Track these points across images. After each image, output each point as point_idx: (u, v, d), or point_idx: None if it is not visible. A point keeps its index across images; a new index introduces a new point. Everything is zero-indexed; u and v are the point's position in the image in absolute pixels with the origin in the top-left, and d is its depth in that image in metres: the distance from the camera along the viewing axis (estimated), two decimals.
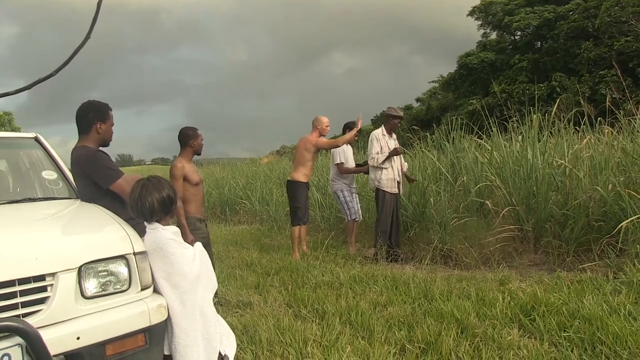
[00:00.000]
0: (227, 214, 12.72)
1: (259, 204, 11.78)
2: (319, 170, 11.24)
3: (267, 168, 15.12)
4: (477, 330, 3.70)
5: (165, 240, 2.83)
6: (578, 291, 4.35)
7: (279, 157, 21.11)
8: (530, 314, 3.95)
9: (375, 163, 6.85)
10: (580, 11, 32.05)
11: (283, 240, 8.60)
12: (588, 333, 3.48)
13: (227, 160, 21.23)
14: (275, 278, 5.80)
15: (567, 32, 31.62)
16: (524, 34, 38.16)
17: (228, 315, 4.46)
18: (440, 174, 7.84)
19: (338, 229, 8.64)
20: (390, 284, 5.13)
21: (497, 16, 39.16)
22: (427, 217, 7.14)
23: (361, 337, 3.80)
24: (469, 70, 37.22)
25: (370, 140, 7.03)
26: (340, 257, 6.75)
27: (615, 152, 6.48)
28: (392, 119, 7.10)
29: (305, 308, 4.59)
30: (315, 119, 7.35)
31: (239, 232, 10.18)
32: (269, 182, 13.01)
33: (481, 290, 4.65)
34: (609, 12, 28.42)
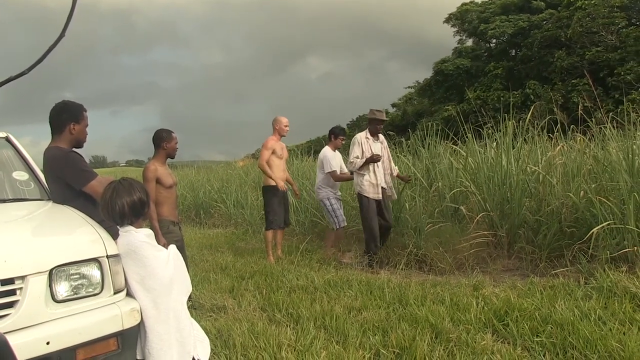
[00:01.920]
0: (202, 217, 12.62)
1: (233, 207, 11.71)
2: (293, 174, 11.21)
3: (243, 171, 15.03)
4: (452, 335, 3.71)
5: (139, 243, 2.79)
6: (550, 296, 4.40)
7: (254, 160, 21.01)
8: (504, 319, 3.97)
9: (353, 168, 6.72)
10: (554, 21, 32.67)
11: (258, 244, 8.56)
12: (560, 338, 3.52)
13: (202, 163, 21.11)
14: (250, 282, 5.76)
15: (541, 41, 32.21)
16: (499, 41, 38.75)
17: (202, 319, 4.41)
18: (416, 180, 7.88)
19: (313, 234, 8.64)
20: (365, 289, 5.13)
21: (473, 24, 39.72)
22: (402, 222, 7.16)
23: (336, 342, 3.79)
24: (444, 76, 37.63)
25: (352, 144, 6.88)
26: (315, 261, 6.74)
27: (587, 160, 6.59)
28: (372, 122, 6.95)
29: (279, 312, 4.57)
30: (274, 119, 7.39)
31: (213, 235, 10.11)
32: (244, 185, 12.94)
33: (455, 295, 4.67)
34: (581, 23, 29.06)
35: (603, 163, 6.17)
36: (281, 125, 7.31)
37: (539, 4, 37.57)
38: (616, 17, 28.69)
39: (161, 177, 4.79)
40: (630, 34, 27.05)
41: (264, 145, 7.25)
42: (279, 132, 7.33)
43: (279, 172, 7.26)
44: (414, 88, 45.13)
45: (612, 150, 6.06)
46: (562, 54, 29.68)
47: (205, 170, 17.31)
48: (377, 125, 6.93)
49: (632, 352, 3.16)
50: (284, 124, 7.33)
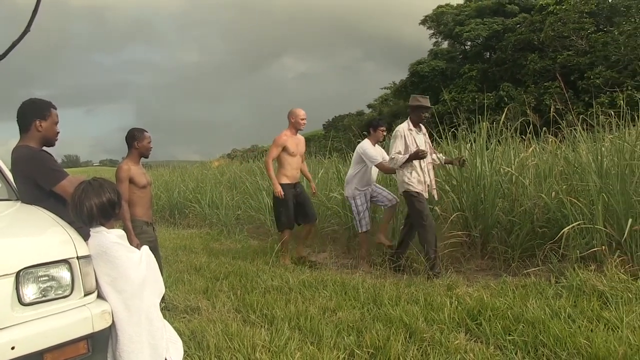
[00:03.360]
0: (176, 218, 12.51)
1: (208, 207, 11.64)
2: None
3: (218, 171, 14.95)
4: (425, 335, 3.74)
5: (110, 244, 2.75)
6: (522, 295, 4.46)
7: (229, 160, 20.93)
8: (477, 319, 4.02)
9: (395, 165, 6.05)
10: (527, 25, 33.17)
11: (232, 245, 8.52)
12: (531, 336, 3.57)
13: (177, 163, 20.93)
14: (224, 283, 5.73)
15: (515, 44, 32.66)
16: (473, 44, 39.17)
17: (175, 321, 4.37)
18: (390, 180, 7.90)
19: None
20: (340, 289, 5.14)
21: (448, 26, 40.08)
22: (377, 222, 7.18)
23: (310, 343, 3.78)
24: (420, 77, 37.90)
25: (394, 137, 6.13)
26: (290, 261, 6.72)
27: (558, 161, 6.68)
28: (416, 110, 6.21)
29: (254, 313, 4.55)
30: (289, 112, 6.88)
31: (188, 236, 10.03)
32: (219, 185, 12.87)
33: (429, 295, 4.70)
34: (553, 27, 29.57)
35: (574, 164, 6.27)
36: (297, 119, 6.78)
37: (512, 8, 38.10)
38: (585, 23, 29.25)
39: (134, 177, 4.73)
40: (599, 39, 27.61)
41: (274, 142, 6.84)
42: (294, 125, 6.82)
43: (291, 171, 6.83)
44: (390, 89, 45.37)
45: (582, 152, 6.15)
46: (535, 57, 30.14)
47: (180, 170, 17.17)
48: (421, 114, 6.21)
49: (598, 348, 3.22)
50: (301, 117, 6.80)
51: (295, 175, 6.88)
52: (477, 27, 37.20)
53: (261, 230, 9.48)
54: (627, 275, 4.44)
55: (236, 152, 31.06)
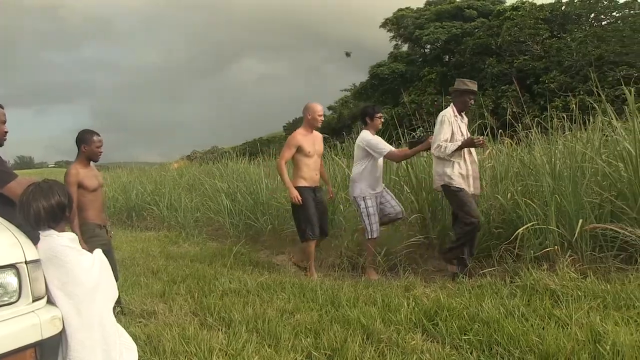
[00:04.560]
0: (134, 220, 12.30)
1: (167, 210, 11.48)
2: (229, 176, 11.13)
3: (177, 173, 14.80)
4: (383, 336, 3.75)
5: (60, 247, 2.68)
6: (478, 295, 4.52)
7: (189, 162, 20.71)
8: (434, 319, 4.05)
9: (442, 153, 5.45)
10: (485, 29, 33.86)
11: (191, 247, 8.42)
12: (486, 335, 3.62)
13: (135, 165, 20.60)
14: (182, 286, 5.66)
15: (473, 48, 33.28)
16: (433, 47, 39.74)
17: (131, 325, 4.29)
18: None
19: (247, 236, 8.56)
20: (298, 291, 5.13)
21: (408, 29, 40.58)
22: (336, 224, 7.20)
23: (268, 345, 3.77)
24: (380, 80, 38.24)
25: (440, 123, 5.55)
26: (248, 264, 6.69)
27: (514, 163, 6.82)
28: (462, 95, 5.69)
29: (211, 316, 4.50)
30: (305, 107, 6.26)
31: (145, 238, 9.87)
32: (177, 187, 12.73)
33: (387, 296, 4.72)
34: (510, 32, 30.30)
35: (529, 166, 6.41)
36: (314, 115, 6.15)
37: (471, 12, 38.85)
38: (540, 29, 30.09)
39: (84, 181, 4.57)
40: (553, 45, 28.39)
41: (287, 142, 6.20)
42: (310, 123, 6.19)
43: (309, 173, 6.15)
44: (350, 91, 45.61)
45: (536, 154, 6.29)
46: (493, 61, 30.76)
47: (138, 172, 16.92)
48: (467, 99, 5.68)
49: (549, 345, 3.29)
50: (318, 112, 6.19)
51: (314, 177, 6.19)
52: (436, 30, 37.78)
53: (220, 233, 9.41)
54: (577, 274, 4.55)
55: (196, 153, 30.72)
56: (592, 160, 5.81)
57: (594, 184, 5.73)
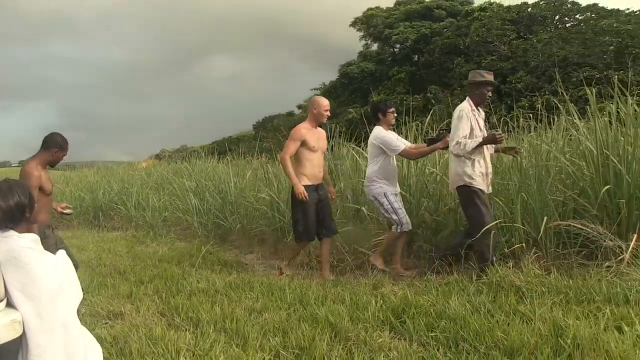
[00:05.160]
0: (101, 220, 12.10)
1: (134, 209, 11.33)
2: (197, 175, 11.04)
3: (145, 172, 14.62)
4: (350, 334, 3.77)
5: (21, 248, 2.61)
6: (445, 293, 4.57)
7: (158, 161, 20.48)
8: (401, 317, 4.09)
9: (462, 151, 5.11)
10: (453, 29, 34.23)
11: (159, 247, 8.31)
12: (453, 332, 3.66)
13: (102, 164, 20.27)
14: (149, 286, 5.60)
15: (442, 48, 33.60)
16: (402, 47, 39.97)
17: (97, 327, 4.24)
18: None
19: (216, 235, 8.50)
20: (266, 290, 5.12)
21: (378, 28, 40.76)
22: None
23: (235, 345, 3.76)
24: (349, 79, 38.35)
25: (458, 118, 5.18)
26: (217, 263, 6.65)
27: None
28: (479, 87, 5.35)
29: (179, 316, 4.47)
30: (311, 101, 6.09)
31: (112, 238, 9.73)
32: (145, 187, 12.57)
33: (355, 294, 4.75)
34: (478, 33, 30.71)
35: (495, 164, 6.50)
36: (320, 109, 5.87)
37: (440, 12, 39.22)
38: (508, 30, 30.57)
39: (43, 184, 4.48)
40: (520, 45, 28.87)
41: (291, 135, 5.89)
42: (316, 117, 5.91)
43: (312, 170, 5.87)
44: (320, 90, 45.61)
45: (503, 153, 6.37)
46: (461, 61, 31.10)
47: (105, 171, 16.66)
48: (485, 90, 5.35)
49: (513, 340, 3.36)
50: (324, 107, 5.89)
51: (317, 175, 5.93)
52: (405, 30, 38.02)
53: (188, 232, 9.32)
54: (541, 271, 4.64)
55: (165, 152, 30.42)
56: (557, 159, 5.93)
57: (558, 182, 5.85)
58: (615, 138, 5.40)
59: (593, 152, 5.43)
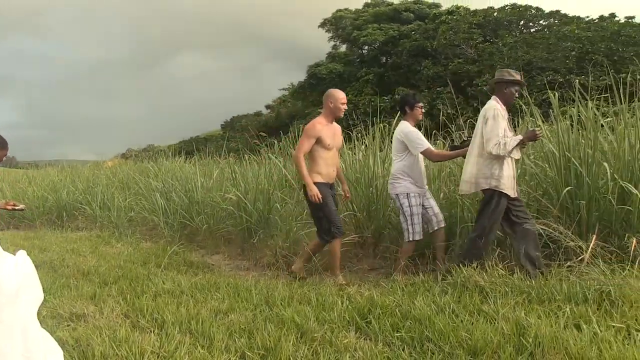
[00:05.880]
0: (64, 220, 11.87)
1: (99, 209, 11.15)
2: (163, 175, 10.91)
3: (111, 172, 14.40)
4: (316, 335, 3.76)
5: None
6: (411, 293, 4.60)
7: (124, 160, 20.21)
8: (367, 317, 4.09)
9: (503, 151, 4.88)
10: (421, 32, 34.60)
11: (124, 247, 8.18)
12: (418, 332, 3.68)
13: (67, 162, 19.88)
14: (114, 287, 5.50)
15: (410, 50, 33.94)
16: (370, 48, 40.24)
17: (58, 330, 4.14)
18: (286, 181, 7.95)
19: (182, 236, 8.42)
20: (233, 291, 5.08)
21: (347, 30, 41.00)
22: (271, 223, 7.16)
23: (201, 346, 3.71)
24: (318, 80, 38.39)
25: (493, 118, 4.96)
26: (183, 264, 6.58)
27: (447, 163, 6.99)
28: (508, 86, 5.18)
29: (144, 318, 4.41)
30: (327, 94, 5.71)
31: (76, 238, 9.53)
32: (111, 186, 12.38)
33: (321, 295, 4.75)
34: (445, 36, 31.12)
35: (461, 166, 6.58)
36: (337, 103, 5.55)
37: (408, 15, 39.67)
38: (474, 33, 31.05)
39: None
40: (486, 49, 29.33)
41: (305, 131, 5.57)
42: (332, 111, 5.60)
43: (327, 168, 5.58)
44: (288, 90, 45.64)
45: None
46: (429, 63, 31.46)
47: (70, 170, 16.35)
48: (513, 90, 5.20)
49: (477, 340, 3.40)
50: (341, 100, 5.58)
51: (331, 174, 5.65)
52: (374, 32, 38.32)
53: (154, 232, 9.21)
54: (505, 271, 4.70)
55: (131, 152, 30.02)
56: (521, 160, 6.04)
57: (523, 183, 5.95)
58: (577, 141, 5.53)
59: (555, 155, 5.55)
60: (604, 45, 25.01)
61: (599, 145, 5.56)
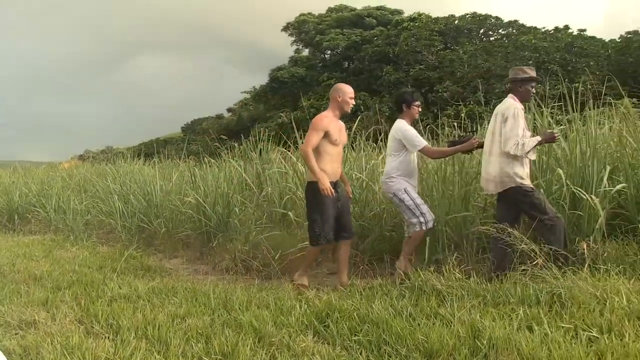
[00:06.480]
0: (16, 224, 11.53)
1: (54, 212, 10.87)
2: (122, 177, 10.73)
3: (67, 174, 14.07)
4: (274, 339, 3.75)
5: None
6: (369, 297, 4.62)
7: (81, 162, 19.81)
8: (325, 321, 4.09)
9: (521, 151, 4.85)
10: (383, 38, 34.98)
11: (79, 252, 8.00)
12: (375, 335, 3.70)
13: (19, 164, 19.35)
14: (67, 292, 5.35)
15: (372, 56, 34.28)
16: (333, 53, 40.50)
17: (5, 339, 4.01)
18: (246, 185, 7.91)
19: (140, 239, 8.29)
20: (190, 296, 5.02)
21: (310, 34, 41.15)
22: (231, 227, 7.11)
23: (157, 352, 3.66)
24: (280, 83, 38.42)
25: (513, 116, 4.88)
26: (140, 268, 6.47)
27: None
28: (523, 84, 5.09)
29: (98, 324, 4.30)
30: (334, 88, 5.51)
31: (29, 242, 9.26)
32: (67, 189, 12.09)
33: (280, 299, 4.73)
34: (407, 42, 31.54)
35: (421, 171, 6.66)
36: (345, 97, 5.36)
37: (370, 21, 40.04)
38: (435, 40, 31.58)
39: None
40: (446, 56, 29.88)
41: (313, 125, 5.29)
42: (340, 105, 5.40)
43: (332, 165, 5.35)
44: (250, 94, 45.49)
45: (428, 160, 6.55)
46: (390, 69, 31.80)
47: (23, 172, 15.90)
48: (529, 87, 5.10)
49: (434, 342, 3.43)
50: (350, 94, 5.39)
51: (336, 171, 5.44)
52: (336, 37, 38.56)
53: (111, 236, 9.04)
54: (462, 275, 4.77)
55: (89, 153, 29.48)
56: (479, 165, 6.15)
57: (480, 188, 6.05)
58: None
59: None
60: (558, 56, 25.80)
61: (553, 152, 5.71)
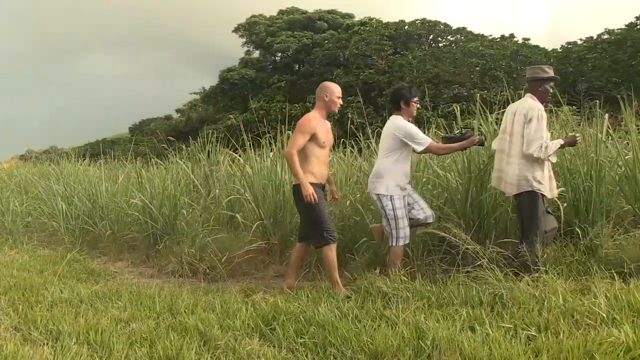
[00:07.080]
0: None
1: None
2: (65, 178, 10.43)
3: (6, 174, 13.59)
4: (219, 342, 3.73)
5: None
6: (315, 299, 4.63)
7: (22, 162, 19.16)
8: (271, 324, 4.09)
9: (544, 154, 4.72)
10: (334, 41, 35.25)
11: (18, 255, 7.72)
12: (321, 337, 3.72)
13: None
14: (3, 298, 5.14)
15: (322, 59, 34.51)
16: (284, 55, 40.54)
17: None
18: (194, 186, 7.82)
19: (84, 242, 8.07)
20: (135, 299, 4.93)
21: (260, 36, 41.04)
22: (177, 229, 7.00)
23: (99, 357, 3.61)
24: (230, 85, 38.24)
25: (537, 118, 4.72)
26: (83, 272, 6.31)
27: (354, 171, 7.13)
28: (542, 83, 4.95)
29: (37, 330, 4.17)
30: (321, 87, 5.31)
31: None
32: (6, 190, 11.65)
33: (226, 302, 4.70)
34: (357, 46, 31.84)
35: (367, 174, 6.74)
36: (332, 97, 5.16)
37: (322, 24, 40.25)
38: (385, 45, 31.97)
39: None
40: (396, 61, 30.31)
41: (299, 127, 5.08)
42: (327, 105, 5.20)
43: (320, 167, 5.16)
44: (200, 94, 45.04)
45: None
46: (340, 72, 32.00)
47: None
48: (547, 87, 4.97)
49: (379, 344, 3.48)
50: (337, 94, 5.19)
51: (324, 173, 5.24)
52: (287, 39, 38.62)
53: (54, 239, 8.76)
54: (407, 277, 4.85)
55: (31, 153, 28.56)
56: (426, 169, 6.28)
57: (427, 192, 6.17)
58: (477, 151, 5.80)
59: (459, 164, 5.80)
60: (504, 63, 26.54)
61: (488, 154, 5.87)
